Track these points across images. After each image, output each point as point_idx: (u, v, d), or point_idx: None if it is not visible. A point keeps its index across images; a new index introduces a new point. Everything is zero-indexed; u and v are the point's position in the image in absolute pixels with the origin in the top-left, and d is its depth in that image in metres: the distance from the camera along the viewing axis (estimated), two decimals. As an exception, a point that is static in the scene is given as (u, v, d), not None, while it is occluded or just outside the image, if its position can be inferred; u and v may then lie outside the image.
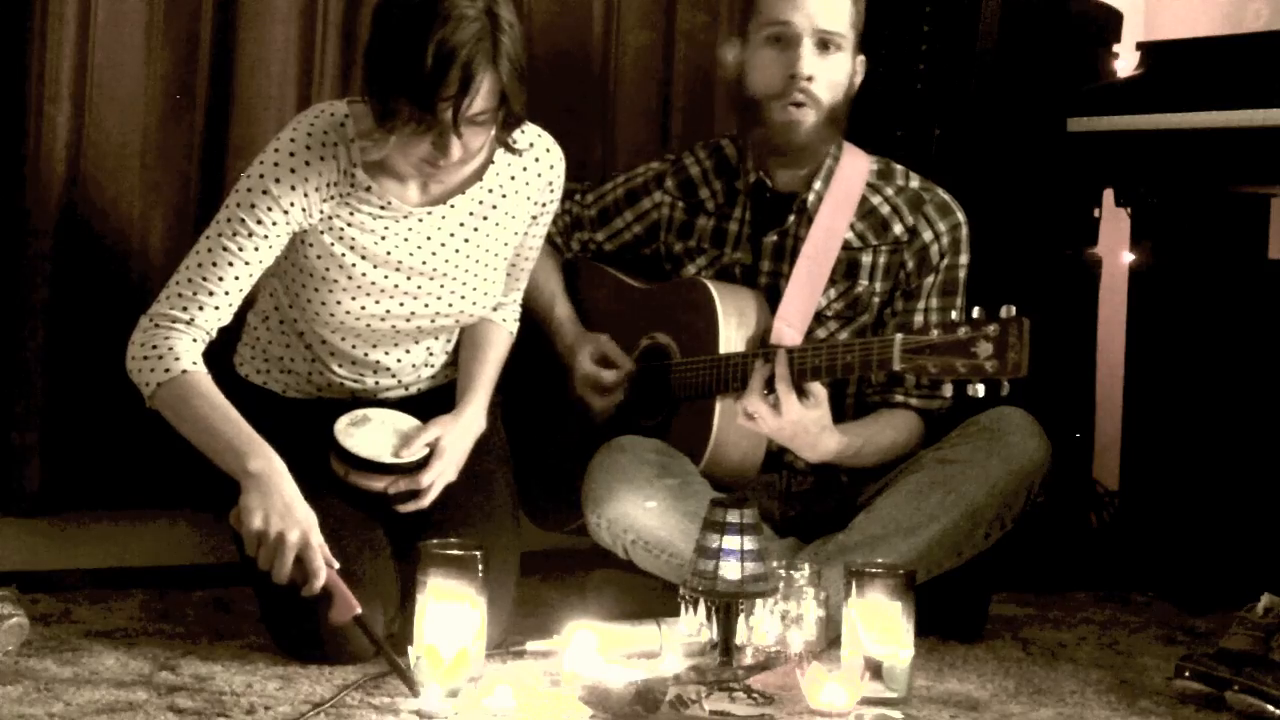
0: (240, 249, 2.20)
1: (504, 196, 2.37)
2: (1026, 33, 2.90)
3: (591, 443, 2.53)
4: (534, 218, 2.43)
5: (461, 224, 2.34)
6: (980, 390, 2.16)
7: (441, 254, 2.33)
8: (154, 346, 2.18)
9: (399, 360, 2.41)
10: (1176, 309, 2.92)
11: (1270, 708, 2.07)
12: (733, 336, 2.51)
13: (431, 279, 2.33)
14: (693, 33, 3.16)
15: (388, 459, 2.26)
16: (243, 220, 2.20)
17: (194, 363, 2.18)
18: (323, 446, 2.27)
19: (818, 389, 2.37)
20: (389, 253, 2.29)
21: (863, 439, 2.49)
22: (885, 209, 2.58)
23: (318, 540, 2.10)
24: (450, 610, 2.04)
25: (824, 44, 2.51)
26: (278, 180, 2.21)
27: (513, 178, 2.37)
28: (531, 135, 2.37)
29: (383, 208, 2.27)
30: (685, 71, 3.17)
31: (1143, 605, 2.80)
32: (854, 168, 2.59)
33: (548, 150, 2.41)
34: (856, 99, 2.61)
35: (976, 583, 2.52)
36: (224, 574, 2.59)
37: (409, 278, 2.32)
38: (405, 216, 2.29)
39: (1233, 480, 2.84)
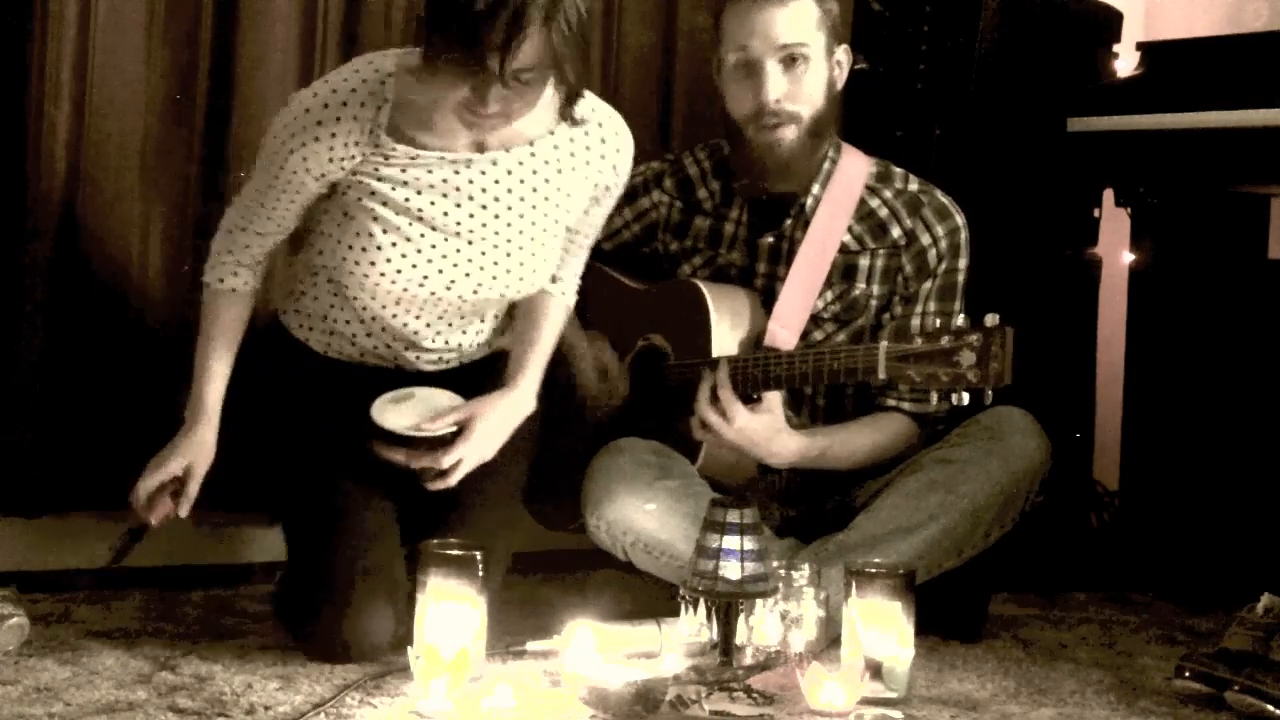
0: (278, 200, 2.26)
1: (559, 172, 2.31)
2: (1026, 33, 2.90)
3: (593, 442, 2.53)
4: (594, 199, 2.38)
5: (509, 190, 2.28)
6: (965, 399, 2.18)
7: (481, 217, 2.28)
8: (214, 251, 2.34)
9: (440, 336, 2.37)
10: (1176, 309, 2.92)
11: (1270, 708, 2.06)
12: (726, 338, 2.51)
13: (472, 245, 2.28)
14: (693, 33, 3.15)
15: (406, 431, 2.25)
16: (269, 176, 2.24)
17: (231, 278, 2.31)
18: (356, 413, 2.27)
19: (771, 395, 2.38)
20: (421, 209, 2.25)
21: (831, 440, 2.49)
22: (883, 212, 2.58)
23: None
24: (450, 610, 2.04)
25: (790, 59, 2.48)
26: (291, 135, 2.21)
27: (573, 154, 2.32)
28: (602, 115, 2.34)
29: (413, 159, 2.23)
30: (685, 71, 3.16)
31: (1143, 605, 2.80)
32: (853, 170, 2.59)
33: (616, 133, 2.36)
34: (856, 99, 2.61)
35: (976, 583, 2.52)
36: (224, 574, 2.60)
37: (448, 241, 2.27)
38: (439, 166, 2.24)
39: (1233, 480, 2.84)
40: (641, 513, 2.41)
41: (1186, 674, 2.17)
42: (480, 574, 2.06)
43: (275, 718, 1.93)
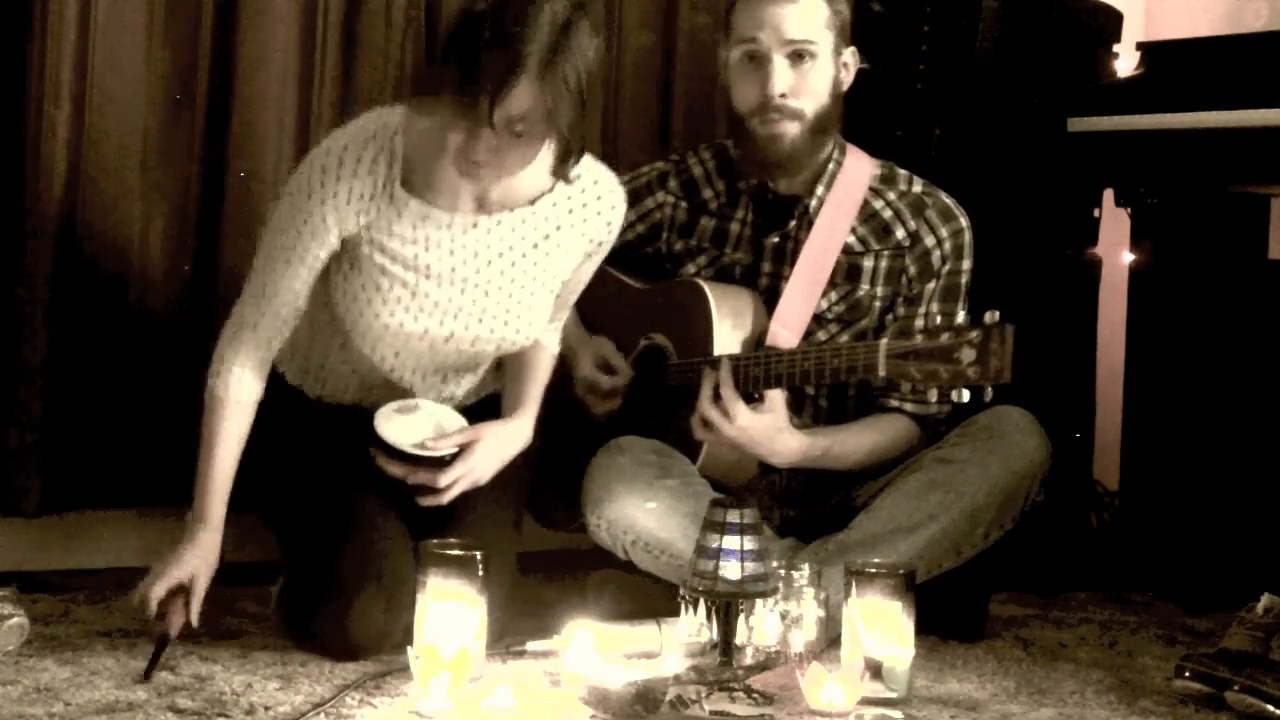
0: (298, 270, 2.23)
1: (558, 229, 2.34)
2: (1026, 33, 2.90)
3: (594, 442, 2.53)
4: (588, 255, 2.40)
5: (511, 246, 2.31)
6: (965, 396, 2.17)
7: (486, 273, 2.30)
8: (220, 356, 2.26)
9: (432, 390, 2.39)
10: (1176, 309, 2.92)
11: (1270, 708, 2.07)
12: (728, 338, 2.51)
13: (475, 302, 2.31)
14: (693, 33, 3.16)
15: (407, 448, 2.26)
16: (285, 238, 2.22)
17: (237, 387, 2.24)
18: (353, 445, 2.29)
19: (773, 394, 2.38)
20: (429, 265, 2.27)
21: (832, 440, 2.49)
22: (887, 213, 2.58)
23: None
24: (450, 610, 2.05)
25: (797, 55, 2.48)
26: (309, 195, 2.21)
27: (570, 211, 2.34)
28: (596, 173, 2.36)
29: (424, 219, 2.25)
30: (685, 71, 3.17)
31: (1143, 605, 2.80)
32: (857, 171, 2.59)
33: (611, 191, 2.38)
34: (856, 99, 2.60)
35: (976, 583, 2.52)
36: (224, 574, 2.59)
37: (450, 299, 2.29)
38: (448, 226, 2.27)
39: (1233, 480, 2.84)
40: (642, 511, 2.41)
41: (1186, 674, 2.17)
42: (480, 574, 2.06)
43: (275, 718, 1.93)
